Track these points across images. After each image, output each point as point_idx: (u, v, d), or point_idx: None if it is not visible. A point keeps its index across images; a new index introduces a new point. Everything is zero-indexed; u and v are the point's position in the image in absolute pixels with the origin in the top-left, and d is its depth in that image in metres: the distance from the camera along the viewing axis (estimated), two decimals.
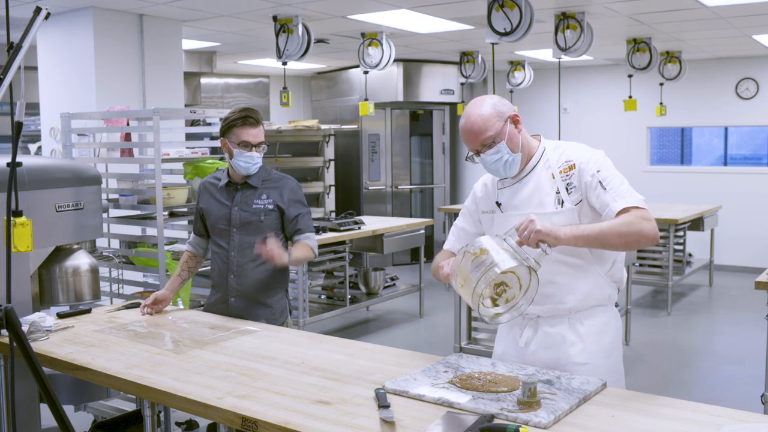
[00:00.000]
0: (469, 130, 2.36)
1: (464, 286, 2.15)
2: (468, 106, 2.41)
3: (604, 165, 2.34)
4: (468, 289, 2.13)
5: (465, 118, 2.37)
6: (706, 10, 6.10)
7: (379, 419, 1.95)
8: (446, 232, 8.27)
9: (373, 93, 8.62)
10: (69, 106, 5.12)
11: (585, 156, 2.36)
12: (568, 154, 2.40)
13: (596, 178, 2.30)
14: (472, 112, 2.36)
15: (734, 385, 5.16)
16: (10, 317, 1.93)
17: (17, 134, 2.29)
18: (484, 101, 2.37)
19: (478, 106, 2.37)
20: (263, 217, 3.18)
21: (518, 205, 2.42)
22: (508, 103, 2.40)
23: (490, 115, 2.34)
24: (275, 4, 5.67)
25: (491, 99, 2.39)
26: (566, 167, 2.37)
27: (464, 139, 2.40)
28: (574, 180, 2.35)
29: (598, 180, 2.30)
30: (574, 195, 2.34)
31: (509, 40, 5.27)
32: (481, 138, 2.34)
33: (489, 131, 2.33)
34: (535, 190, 2.40)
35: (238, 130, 3.12)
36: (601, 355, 2.38)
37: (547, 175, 2.39)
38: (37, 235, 2.93)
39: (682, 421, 1.92)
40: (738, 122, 9.69)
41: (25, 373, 2.63)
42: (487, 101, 2.37)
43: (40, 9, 2.54)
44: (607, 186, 2.29)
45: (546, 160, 2.42)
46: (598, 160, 2.35)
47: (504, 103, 2.39)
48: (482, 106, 2.36)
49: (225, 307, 3.24)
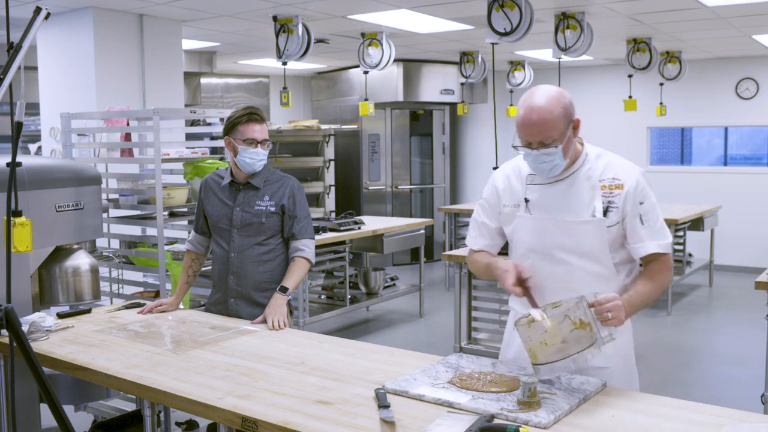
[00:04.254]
0: (535, 123, 2.21)
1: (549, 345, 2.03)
2: (537, 94, 2.24)
3: (648, 195, 2.30)
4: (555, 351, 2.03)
5: (534, 111, 2.22)
6: (706, 10, 6.10)
7: (379, 419, 1.95)
8: (446, 232, 8.30)
9: (373, 93, 8.62)
10: (69, 106, 5.12)
11: (633, 178, 2.29)
12: (615, 170, 2.32)
13: (638, 209, 2.27)
14: (543, 105, 2.22)
15: (734, 385, 5.16)
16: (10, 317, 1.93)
17: (17, 134, 2.29)
18: (557, 99, 2.23)
19: (550, 101, 2.22)
20: (264, 219, 3.18)
21: (548, 207, 2.35)
22: (574, 105, 2.29)
23: (560, 115, 2.22)
24: (275, 4, 5.67)
25: (563, 98, 2.25)
26: (613, 184, 2.30)
27: (524, 129, 2.25)
28: (618, 201, 2.28)
29: (639, 212, 2.27)
30: (613, 215, 2.28)
31: (509, 40, 5.27)
32: (544, 135, 2.22)
33: (554, 132, 2.22)
34: (569, 196, 2.33)
35: (243, 127, 3.13)
36: (618, 358, 2.35)
37: (588, 184, 2.31)
38: (37, 235, 2.93)
39: (682, 421, 1.92)
40: (738, 122, 9.68)
41: (25, 373, 2.63)
42: (560, 99, 2.24)
43: (40, 9, 2.54)
44: (646, 221, 2.28)
45: (588, 167, 2.34)
46: (645, 188, 2.30)
47: (572, 104, 2.28)
48: (555, 103, 2.22)
49: (224, 307, 3.24)
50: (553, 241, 2.34)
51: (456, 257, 5.15)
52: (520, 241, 2.43)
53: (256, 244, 3.19)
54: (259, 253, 3.19)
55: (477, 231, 2.56)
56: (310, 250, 3.24)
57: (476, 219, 2.56)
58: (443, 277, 8.83)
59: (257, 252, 3.19)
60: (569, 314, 2.03)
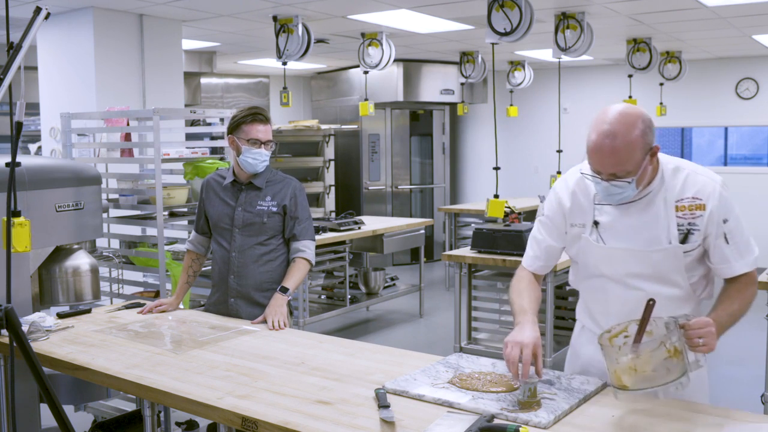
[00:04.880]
0: (609, 153, 1.97)
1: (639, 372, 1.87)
2: (614, 118, 1.98)
3: (731, 209, 2.09)
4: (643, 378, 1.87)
5: (608, 136, 1.96)
6: (706, 10, 6.10)
7: (379, 419, 1.95)
8: (446, 232, 8.29)
9: (373, 93, 8.62)
10: (69, 106, 5.11)
11: (715, 195, 2.07)
12: (695, 187, 2.08)
13: (722, 228, 2.07)
14: (620, 132, 1.96)
15: (734, 385, 5.16)
16: (10, 317, 1.93)
17: (17, 134, 2.29)
18: (635, 123, 1.97)
19: (628, 128, 1.96)
20: (266, 219, 3.18)
21: (621, 233, 2.13)
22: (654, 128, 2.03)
23: (638, 144, 1.97)
24: (275, 4, 5.67)
25: (643, 122, 1.99)
26: (694, 205, 2.07)
27: (595, 157, 2.01)
28: (700, 223, 2.07)
29: (723, 231, 2.07)
30: (695, 239, 2.08)
31: (509, 40, 5.27)
32: (618, 168, 1.99)
33: (629, 164, 1.98)
34: (644, 220, 2.11)
35: (247, 127, 3.13)
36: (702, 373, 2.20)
37: (665, 205, 2.09)
38: (37, 235, 2.93)
39: (682, 421, 1.92)
40: (738, 122, 9.68)
41: (25, 373, 2.63)
42: (639, 124, 1.98)
43: (40, 9, 2.54)
44: (731, 240, 2.08)
45: (664, 187, 2.10)
46: (727, 203, 2.09)
47: (652, 128, 2.02)
48: (633, 129, 1.97)
49: (225, 307, 3.24)
50: (626, 270, 2.15)
51: (456, 257, 5.15)
52: (587, 265, 2.25)
53: (258, 244, 3.19)
54: (261, 253, 3.19)
55: (535, 251, 2.35)
56: (310, 251, 3.24)
57: (536, 238, 2.34)
58: (443, 277, 8.83)
59: (258, 252, 3.19)
60: (665, 341, 1.86)
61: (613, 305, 2.20)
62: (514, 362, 2.00)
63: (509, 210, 5.28)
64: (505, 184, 8.61)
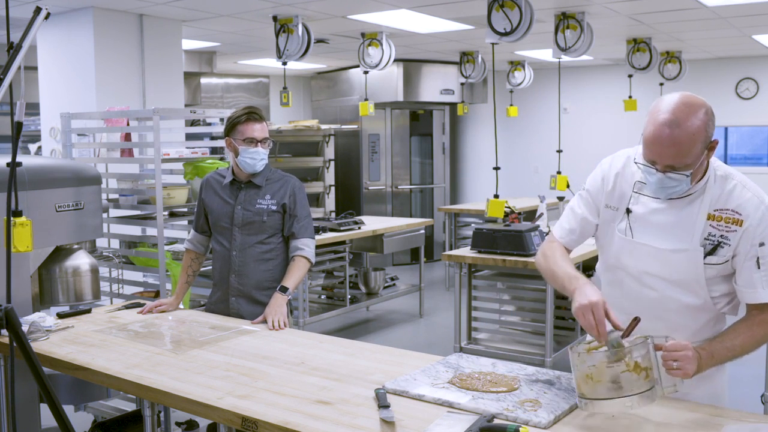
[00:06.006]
0: (669, 144, 1.87)
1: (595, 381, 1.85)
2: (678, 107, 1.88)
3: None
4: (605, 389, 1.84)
5: (669, 125, 1.86)
6: (706, 10, 6.10)
7: (379, 419, 1.95)
8: (446, 232, 8.29)
9: (373, 93, 8.62)
10: (69, 106, 5.11)
11: (758, 214, 1.95)
12: (738, 200, 1.97)
13: (756, 251, 1.95)
14: (683, 122, 1.86)
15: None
16: (10, 317, 1.93)
17: (17, 134, 2.29)
18: (699, 112, 1.87)
19: (692, 119, 1.86)
20: (266, 217, 3.19)
21: (653, 229, 2.04)
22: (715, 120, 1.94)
23: (700, 136, 1.87)
24: (275, 4, 5.67)
25: (707, 112, 1.89)
26: (731, 218, 1.96)
27: (653, 148, 1.90)
28: (733, 239, 1.96)
29: (757, 254, 1.95)
30: (724, 253, 1.98)
31: (509, 40, 5.27)
32: (677, 160, 1.89)
33: (689, 157, 1.88)
34: (678, 221, 2.01)
35: (243, 127, 3.14)
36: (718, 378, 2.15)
37: (700, 209, 1.99)
38: (37, 235, 2.93)
39: (682, 421, 1.92)
40: (738, 122, 9.68)
41: (25, 373, 2.63)
42: (702, 114, 1.88)
43: (40, 9, 2.54)
44: (763, 265, 1.95)
45: (707, 191, 1.99)
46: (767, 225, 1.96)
47: (714, 120, 1.92)
48: (696, 118, 1.87)
49: (225, 306, 3.25)
50: (644, 266, 2.08)
51: (456, 257, 5.15)
52: (609, 253, 2.18)
53: (258, 243, 3.20)
54: (261, 252, 3.20)
55: (571, 223, 2.22)
56: (310, 250, 3.24)
57: (575, 210, 2.22)
58: (443, 277, 8.83)
59: (259, 250, 3.20)
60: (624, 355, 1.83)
61: (627, 301, 2.14)
62: (593, 327, 1.88)
63: (509, 210, 5.28)
64: (505, 184, 8.61)
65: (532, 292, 5.07)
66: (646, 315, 1.99)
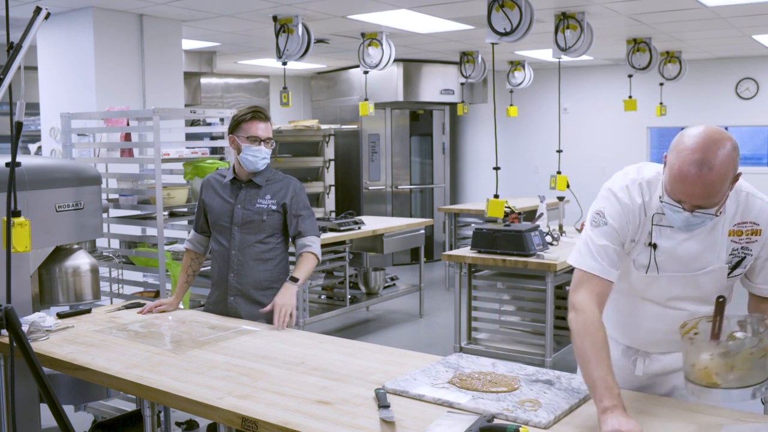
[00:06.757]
0: (700, 185, 1.80)
1: (737, 369, 1.80)
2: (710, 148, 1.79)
3: None
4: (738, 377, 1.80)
5: (699, 166, 1.78)
6: (706, 10, 6.10)
7: (379, 419, 1.95)
8: (446, 232, 8.29)
9: (373, 93, 8.62)
10: (69, 106, 5.11)
11: None
12: (754, 211, 1.97)
13: None
14: (713, 163, 1.78)
15: None
16: (10, 317, 1.93)
17: (17, 134, 2.29)
18: (728, 152, 1.80)
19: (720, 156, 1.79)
20: (266, 217, 3.19)
21: (682, 259, 2.00)
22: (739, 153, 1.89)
23: (729, 175, 1.82)
24: (275, 4, 5.67)
25: (734, 148, 1.82)
26: (750, 230, 1.96)
27: (683, 189, 1.83)
28: (754, 249, 1.98)
29: None
30: (746, 263, 2.00)
31: (509, 40, 5.27)
32: (707, 201, 1.84)
33: (718, 196, 1.83)
34: (706, 246, 1.98)
35: (247, 125, 3.15)
36: None
37: (724, 229, 1.98)
38: (37, 235, 2.93)
39: (682, 421, 1.91)
40: (738, 122, 9.68)
41: (25, 373, 2.63)
42: (731, 152, 1.81)
43: (40, 9, 2.54)
44: None
45: (724, 210, 1.96)
46: None
47: (738, 153, 1.86)
48: (725, 159, 1.79)
49: (224, 306, 3.25)
50: (670, 294, 2.06)
51: (456, 257, 5.15)
52: (631, 286, 2.11)
53: (257, 242, 3.20)
54: (260, 251, 3.20)
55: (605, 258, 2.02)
56: (317, 247, 3.24)
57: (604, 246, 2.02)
58: (443, 277, 8.83)
59: (258, 250, 3.20)
60: (763, 338, 1.79)
61: (649, 322, 2.12)
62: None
63: (509, 210, 5.28)
64: (505, 184, 8.60)
65: (532, 292, 5.07)
66: (668, 330, 2.02)
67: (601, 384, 1.83)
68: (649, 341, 2.18)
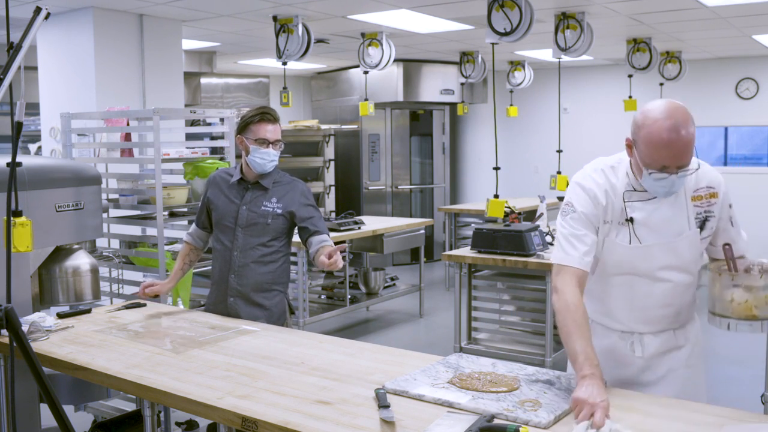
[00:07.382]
0: (683, 146, 2.03)
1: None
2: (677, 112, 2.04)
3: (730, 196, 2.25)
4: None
5: (675, 130, 2.01)
6: (706, 10, 6.10)
7: (379, 419, 1.95)
8: (446, 232, 8.29)
9: (373, 93, 8.62)
10: (69, 106, 5.11)
11: (723, 183, 2.24)
12: (708, 177, 2.21)
13: (728, 212, 2.24)
14: (683, 123, 2.03)
15: (734, 385, 5.16)
16: (10, 317, 1.93)
17: (17, 134, 2.29)
18: (689, 118, 2.05)
19: (686, 117, 2.04)
20: (270, 220, 3.18)
21: (657, 226, 2.19)
22: None
23: (695, 132, 2.07)
24: (275, 4, 5.67)
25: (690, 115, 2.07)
26: (707, 194, 2.20)
27: (668, 152, 2.03)
28: (716, 210, 2.21)
29: (729, 215, 2.24)
30: (710, 224, 2.21)
31: (509, 40, 5.27)
32: (687, 159, 2.07)
33: (692, 153, 2.08)
34: (674, 212, 2.19)
35: (255, 127, 3.14)
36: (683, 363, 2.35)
37: (685, 196, 2.20)
38: (37, 235, 2.93)
39: (682, 421, 1.92)
40: (738, 122, 9.69)
41: (25, 373, 2.63)
42: (690, 119, 2.05)
43: (40, 9, 2.54)
44: (735, 222, 2.26)
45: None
46: (728, 190, 2.25)
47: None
48: (689, 118, 2.05)
49: (224, 306, 3.24)
50: (657, 264, 2.21)
51: (456, 257, 5.15)
52: (613, 263, 2.25)
53: (260, 245, 3.19)
54: (262, 254, 3.19)
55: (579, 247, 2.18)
56: (331, 242, 3.22)
57: (577, 234, 2.19)
58: (443, 277, 8.83)
59: (260, 252, 3.19)
60: None
61: (639, 299, 2.26)
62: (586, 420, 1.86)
63: (509, 210, 5.28)
64: (505, 184, 8.60)
65: (532, 292, 5.07)
66: (657, 305, 2.21)
67: (582, 355, 2.02)
68: (641, 319, 2.29)
